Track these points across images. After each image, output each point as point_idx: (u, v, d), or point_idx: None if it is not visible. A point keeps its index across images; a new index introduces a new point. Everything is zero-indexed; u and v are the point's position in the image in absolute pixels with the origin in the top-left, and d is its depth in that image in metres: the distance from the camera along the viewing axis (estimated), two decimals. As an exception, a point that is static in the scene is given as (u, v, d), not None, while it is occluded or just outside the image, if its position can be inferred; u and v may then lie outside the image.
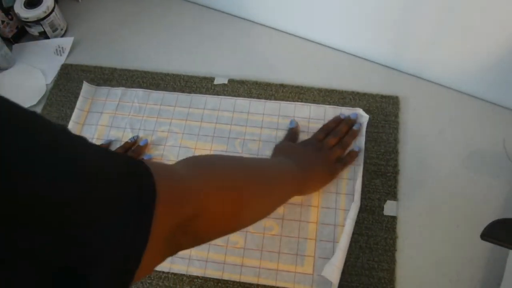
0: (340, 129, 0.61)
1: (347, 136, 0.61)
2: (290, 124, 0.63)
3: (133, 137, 0.64)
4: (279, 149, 0.59)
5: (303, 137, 0.63)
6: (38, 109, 0.69)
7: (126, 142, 0.64)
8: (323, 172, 0.57)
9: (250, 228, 0.57)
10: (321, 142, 0.60)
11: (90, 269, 0.21)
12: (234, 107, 0.67)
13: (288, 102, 0.66)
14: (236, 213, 0.34)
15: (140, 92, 0.69)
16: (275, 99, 0.67)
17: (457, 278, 0.53)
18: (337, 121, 0.63)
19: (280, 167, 0.47)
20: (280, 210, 0.58)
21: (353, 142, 0.62)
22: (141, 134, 0.66)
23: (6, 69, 0.74)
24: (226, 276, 0.55)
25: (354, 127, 0.62)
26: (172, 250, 0.29)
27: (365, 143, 0.62)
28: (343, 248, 0.54)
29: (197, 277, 0.55)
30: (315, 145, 0.59)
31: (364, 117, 0.63)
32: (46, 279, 0.19)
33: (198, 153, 0.63)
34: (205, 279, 0.55)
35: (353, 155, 0.60)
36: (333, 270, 0.52)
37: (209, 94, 0.68)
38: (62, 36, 0.78)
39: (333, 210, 0.58)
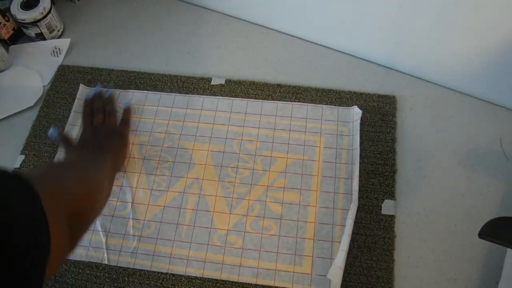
0: (97, 106, 0.65)
1: (106, 105, 0.65)
2: (53, 133, 0.62)
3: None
4: (77, 151, 0.61)
5: (300, 136, 0.63)
6: (35, 111, 0.69)
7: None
8: (118, 144, 0.61)
9: (248, 228, 0.58)
10: (93, 126, 0.63)
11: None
12: (231, 107, 0.67)
13: (286, 102, 0.66)
14: (95, 201, 0.47)
15: (137, 93, 0.69)
16: (272, 99, 0.67)
17: (455, 277, 0.53)
18: (89, 104, 0.65)
19: (95, 163, 0.55)
20: (279, 210, 0.58)
21: (114, 103, 0.65)
22: (139, 135, 0.66)
23: (2, 70, 0.74)
24: (224, 277, 0.55)
25: (106, 95, 0.66)
26: (73, 233, 0.38)
27: (363, 143, 0.62)
28: (345, 248, 0.54)
29: (196, 277, 0.55)
30: (92, 132, 0.62)
31: (358, 113, 0.63)
32: None
33: (195, 154, 0.63)
34: (204, 280, 0.55)
35: (127, 110, 0.66)
36: (337, 271, 0.52)
37: (207, 94, 0.68)
38: (59, 37, 0.78)
39: (331, 209, 0.58)
